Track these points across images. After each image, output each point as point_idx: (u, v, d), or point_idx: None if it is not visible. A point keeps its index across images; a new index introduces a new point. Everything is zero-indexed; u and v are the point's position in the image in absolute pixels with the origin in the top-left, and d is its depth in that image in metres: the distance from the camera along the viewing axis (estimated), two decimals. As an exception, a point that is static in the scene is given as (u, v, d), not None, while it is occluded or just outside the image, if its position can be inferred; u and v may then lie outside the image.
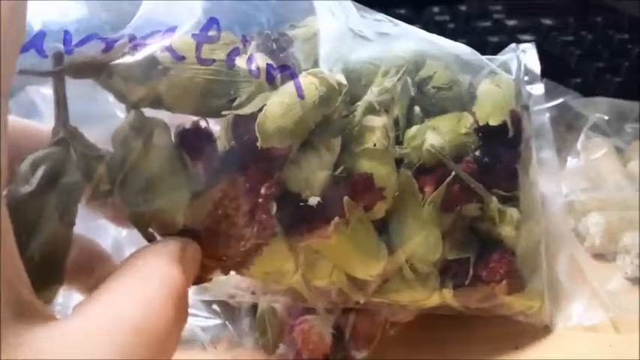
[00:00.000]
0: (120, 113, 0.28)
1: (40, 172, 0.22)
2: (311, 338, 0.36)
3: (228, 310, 0.40)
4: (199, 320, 0.39)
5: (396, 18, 0.34)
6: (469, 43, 0.70)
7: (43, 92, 0.37)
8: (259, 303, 0.38)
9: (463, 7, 0.77)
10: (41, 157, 0.23)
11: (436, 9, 0.76)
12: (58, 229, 0.22)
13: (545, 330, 0.40)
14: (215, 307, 0.40)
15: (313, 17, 0.30)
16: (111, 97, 0.33)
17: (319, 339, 0.36)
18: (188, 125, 0.27)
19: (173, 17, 0.26)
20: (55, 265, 0.22)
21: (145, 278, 0.22)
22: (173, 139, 0.27)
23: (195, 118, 0.27)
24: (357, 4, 0.32)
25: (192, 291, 0.38)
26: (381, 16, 0.33)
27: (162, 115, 0.27)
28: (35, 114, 0.37)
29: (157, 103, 0.26)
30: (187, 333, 0.39)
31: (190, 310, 0.39)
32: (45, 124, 0.33)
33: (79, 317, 0.20)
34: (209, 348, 0.39)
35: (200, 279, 0.29)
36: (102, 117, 0.28)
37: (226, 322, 0.39)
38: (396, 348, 0.39)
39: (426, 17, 0.74)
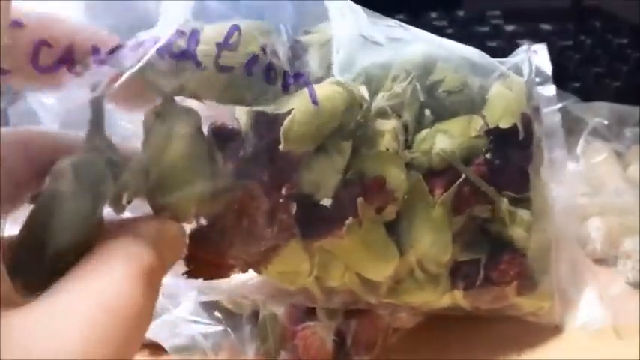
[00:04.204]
0: (127, 124, 0.28)
1: (81, 176, 0.23)
2: (313, 344, 0.36)
3: (229, 316, 0.40)
4: (200, 326, 0.39)
5: (395, 23, 0.34)
6: (468, 49, 0.70)
7: (44, 101, 0.37)
8: (261, 309, 0.38)
9: (461, 13, 0.77)
10: (81, 162, 0.23)
11: (434, 14, 0.76)
12: (88, 231, 0.23)
13: (556, 330, 0.40)
14: (216, 313, 0.40)
15: (326, 23, 0.30)
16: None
17: (321, 345, 0.36)
18: (219, 121, 0.27)
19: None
20: (70, 263, 0.22)
21: (112, 257, 0.22)
22: (205, 132, 0.27)
23: (224, 113, 0.28)
24: (367, 10, 0.32)
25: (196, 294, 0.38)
26: (391, 21, 0.34)
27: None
28: (35, 123, 0.37)
29: (183, 90, 0.26)
30: (188, 339, 0.39)
31: (191, 317, 0.39)
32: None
33: (48, 299, 0.20)
34: (210, 355, 0.38)
35: (219, 275, 0.29)
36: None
37: (228, 329, 0.39)
38: (397, 354, 0.39)
39: (424, 22, 0.74)
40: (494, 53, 0.71)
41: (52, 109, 0.26)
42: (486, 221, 0.35)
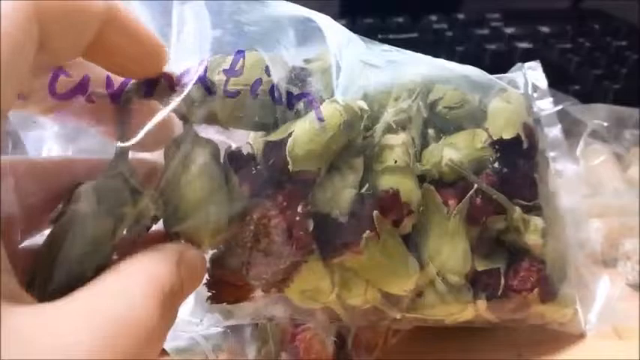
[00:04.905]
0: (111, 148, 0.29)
1: (103, 198, 0.23)
2: (313, 347, 0.36)
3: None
4: (201, 328, 0.39)
5: (394, 26, 0.35)
6: (467, 51, 0.71)
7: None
8: (261, 312, 0.38)
9: (461, 15, 0.78)
10: (104, 185, 0.24)
11: (434, 17, 0.76)
12: (107, 253, 0.23)
13: (580, 337, 0.40)
14: (217, 315, 0.40)
15: (325, 50, 0.31)
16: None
17: (321, 347, 0.36)
18: (234, 146, 0.29)
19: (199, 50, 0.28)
20: (87, 282, 0.22)
21: (131, 276, 0.22)
22: (222, 159, 0.28)
23: (242, 138, 0.29)
24: (363, 37, 0.33)
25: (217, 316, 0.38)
26: (387, 46, 0.34)
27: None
28: (35, 124, 0.38)
29: (214, 119, 0.27)
30: (189, 341, 0.38)
31: (192, 319, 0.39)
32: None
33: (61, 303, 0.20)
34: (211, 356, 0.38)
35: (242, 298, 0.30)
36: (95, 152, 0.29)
37: (228, 331, 0.39)
38: (397, 353, 0.39)
39: (424, 25, 0.74)
40: (494, 55, 0.71)
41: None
42: (501, 231, 0.35)
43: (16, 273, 0.20)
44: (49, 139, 0.38)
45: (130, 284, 0.21)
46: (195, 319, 0.39)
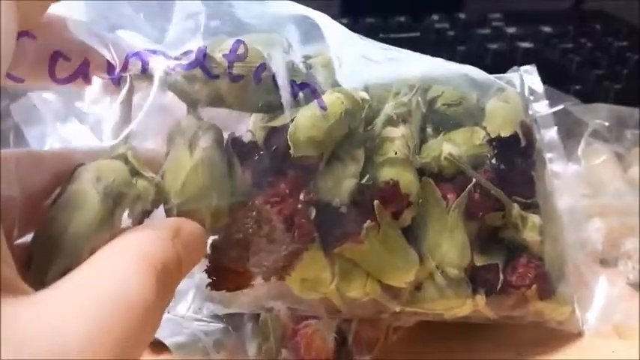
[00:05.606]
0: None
1: (102, 179, 0.23)
2: (314, 343, 0.36)
3: (231, 314, 0.40)
4: (202, 324, 0.39)
5: (396, 25, 0.35)
6: (469, 51, 0.71)
7: (45, 97, 0.37)
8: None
9: (462, 15, 0.78)
10: (104, 166, 0.24)
11: (436, 17, 0.76)
12: (106, 234, 0.23)
13: (579, 335, 0.40)
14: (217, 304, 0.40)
15: (325, 47, 0.31)
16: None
17: (322, 343, 0.36)
18: (237, 132, 0.29)
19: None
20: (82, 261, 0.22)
21: (125, 252, 0.21)
22: (224, 144, 0.28)
23: (243, 126, 0.29)
24: (362, 36, 0.33)
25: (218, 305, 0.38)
26: (386, 45, 0.35)
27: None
28: (37, 118, 0.38)
29: (218, 101, 0.28)
30: (190, 337, 0.38)
31: (193, 314, 0.39)
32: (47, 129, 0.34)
33: (55, 291, 0.19)
34: (212, 352, 0.38)
35: (243, 285, 0.30)
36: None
37: (229, 327, 0.39)
38: (398, 353, 0.39)
39: (426, 25, 0.74)
40: (496, 55, 0.71)
41: (51, 104, 0.26)
42: (499, 227, 0.36)
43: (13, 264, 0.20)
44: (51, 135, 0.38)
45: (122, 262, 0.21)
46: (195, 315, 0.39)
